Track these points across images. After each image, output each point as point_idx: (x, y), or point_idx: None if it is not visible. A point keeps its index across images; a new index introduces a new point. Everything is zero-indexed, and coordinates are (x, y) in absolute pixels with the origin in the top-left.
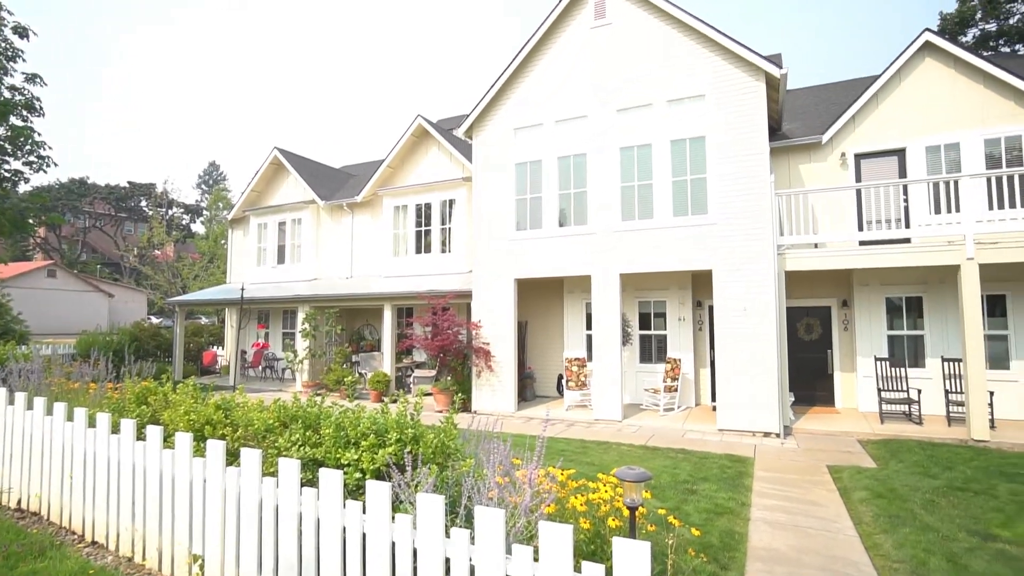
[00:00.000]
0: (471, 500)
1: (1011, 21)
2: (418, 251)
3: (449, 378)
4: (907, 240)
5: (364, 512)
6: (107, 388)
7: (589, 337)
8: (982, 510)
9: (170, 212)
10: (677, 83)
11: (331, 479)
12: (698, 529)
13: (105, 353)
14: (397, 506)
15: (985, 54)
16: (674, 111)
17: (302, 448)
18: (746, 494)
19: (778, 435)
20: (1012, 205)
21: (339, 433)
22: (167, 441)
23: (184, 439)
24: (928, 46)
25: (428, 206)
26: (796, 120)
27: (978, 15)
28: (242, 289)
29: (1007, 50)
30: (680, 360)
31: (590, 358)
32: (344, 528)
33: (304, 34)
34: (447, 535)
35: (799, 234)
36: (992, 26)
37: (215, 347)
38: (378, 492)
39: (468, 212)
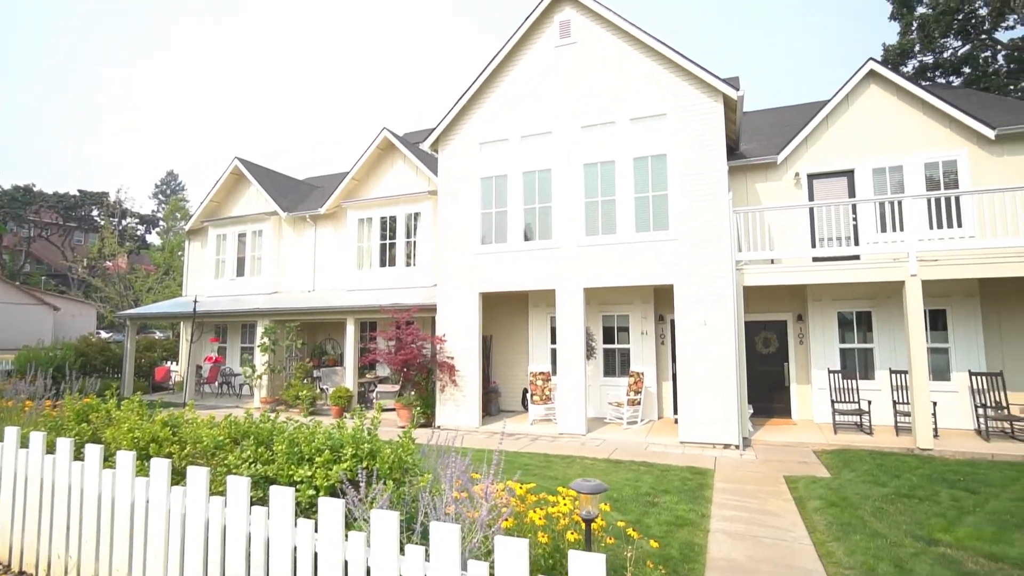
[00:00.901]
0: (427, 516)
1: (945, 55)
2: (383, 264)
3: (413, 393)
4: (856, 257)
5: (316, 531)
6: (45, 406)
7: (554, 351)
8: (926, 515)
9: (124, 222)
10: (639, 102)
11: (281, 497)
12: (658, 541)
13: (45, 369)
14: (351, 524)
15: (923, 84)
16: (637, 129)
17: (254, 465)
18: (706, 505)
19: (738, 447)
20: (950, 225)
21: (293, 449)
22: (108, 461)
23: (126, 458)
24: (872, 74)
25: (393, 219)
26: (753, 141)
27: (916, 47)
28: (195, 301)
29: (942, 81)
30: (643, 374)
31: (555, 372)
32: (295, 548)
33: (272, 46)
34: (402, 552)
35: (756, 250)
36: (929, 58)
37: (169, 362)
38: (330, 509)
39: (434, 226)
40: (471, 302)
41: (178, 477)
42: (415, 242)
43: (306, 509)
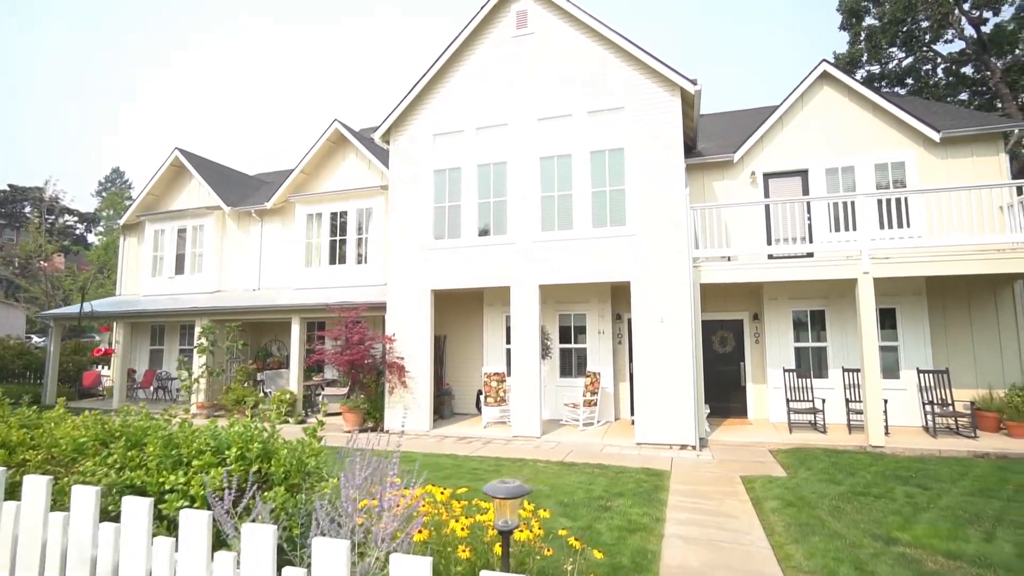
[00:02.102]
0: (323, 530)
1: (890, 65)
2: (332, 262)
3: (361, 396)
4: (811, 255)
5: (177, 550)
6: None
7: (510, 352)
8: (883, 513)
9: (60, 220)
10: (597, 95)
11: (135, 510)
12: (609, 549)
13: None
14: (224, 540)
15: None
16: (594, 122)
17: (121, 472)
18: (661, 509)
19: (694, 447)
20: (899, 225)
21: (168, 451)
22: None
23: None
24: (826, 75)
25: (344, 214)
26: (710, 141)
27: (864, 57)
28: (82, 300)
29: (887, 91)
30: (599, 374)
31: (510, 373)
32: (150, 572)
33: (222, 40)
34: (278, 574)
35: (713, 247)
36: (876, 68)
37: (100, 367)
38: (194, 524)
39: (386, 222)
40: (422, 300)
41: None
42: (367, 239)
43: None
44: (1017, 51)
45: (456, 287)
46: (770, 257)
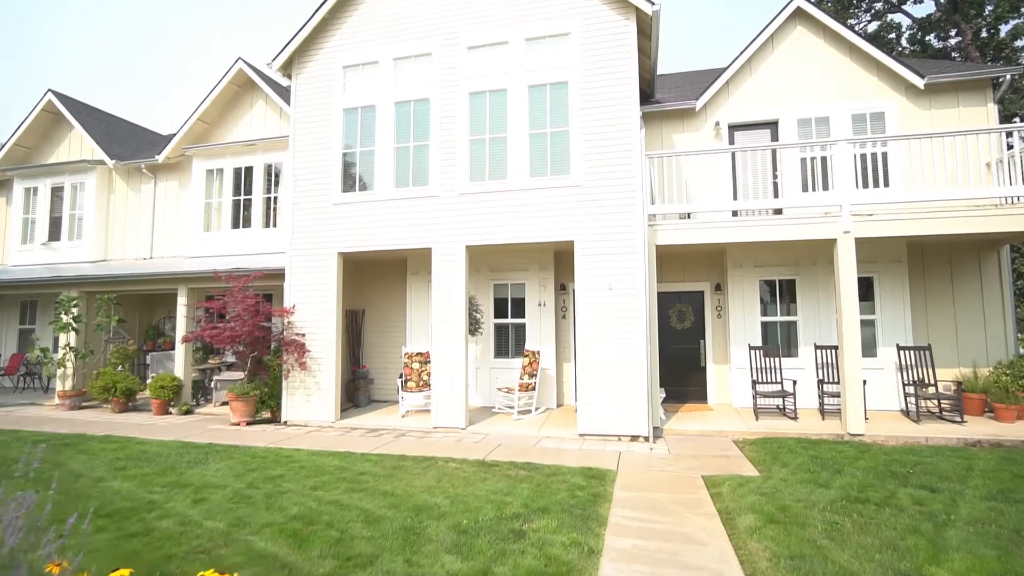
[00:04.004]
0: None
1: (858, 27)
2: (235, 225)
3: (257, 381)
4: (779, 212)
5: None
6: None
7: None
8: (897, 532)
9: None
10: (537, 19)
11: None
12: None
13: None
14: None
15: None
16: (533, 52)
17: None
18: (598, 531)
19: (647, 439)
20: (876, 184)
21: None
22: None
23: None
24: (800, 13)
25: (249, 171)
26: (670, 91)
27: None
28: None
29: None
30: (539, 353)
31: None
32: None
33: None
34: None
35: (672, 202)
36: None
37: None
38: None
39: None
40: (328, 265)
41: None
42: (276, 198)
43: None
44: (987, 10)
45: (369, 249)
46: (734, 215)
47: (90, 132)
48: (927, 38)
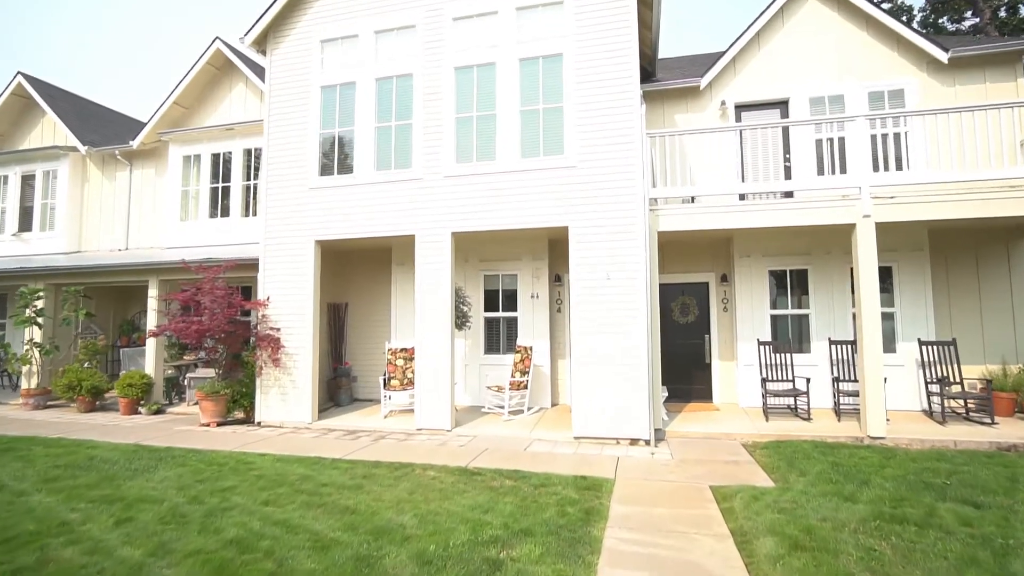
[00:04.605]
0: None
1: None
2: (213, 214)
3: (229, 379)
4: (791, 195)
5: None
6: None
7: None
8: (951, 563)
9: None
10: None
11: None
12: None
13: None
14: None
15: None
16: (525, 21)
17: None
18: (590, 559)
19: (648, 442)
20: (899, 167)
21: None
22: None
23: None
24: None
25: (228, 156)
26: (672, 72)
27: None
28: None
29: None
30: (532, 349)
31: None
32: None
33: None
34: None
35: (675, 185)
36: None
37: None
38: None
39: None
40: (305, 253)
41: None
42: (256, 185)
43: None
44: None
45: (347, 236)
46: (742, 199)
47: (62, 117)
48: (940, 20)
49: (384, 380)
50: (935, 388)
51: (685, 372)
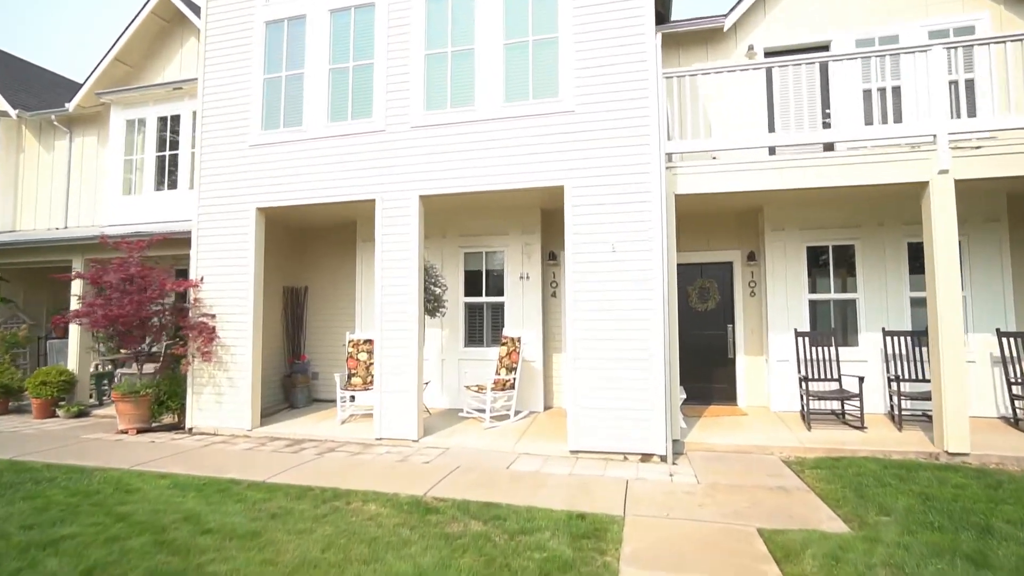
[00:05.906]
0: None
1: None
2: (159, 187)
3: (167, 376)
4: (831, 147)
5: None
6: None
7: None
8: None
9: None
10: None
11: None
12: None
13: None
14: None
15: None
16: None
17: None
18: None
19: (664, 458)
20: (971, 114)
21: None
22: None
23: None
24: None
25: (176, 120)
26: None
27: None
28: None
29: None
30: (520, 340)
31: None
32: None
33: None
34: None
35: (696, 137)
36: None
37: None
38: None
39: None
40: (245, 225)
41: None
42: None
43: None
44: None
45: (297, 203)
46: (772, 153)
47: None
48: None
49: (343, 377)
50: (1019, 391)
51: (704, 369)
